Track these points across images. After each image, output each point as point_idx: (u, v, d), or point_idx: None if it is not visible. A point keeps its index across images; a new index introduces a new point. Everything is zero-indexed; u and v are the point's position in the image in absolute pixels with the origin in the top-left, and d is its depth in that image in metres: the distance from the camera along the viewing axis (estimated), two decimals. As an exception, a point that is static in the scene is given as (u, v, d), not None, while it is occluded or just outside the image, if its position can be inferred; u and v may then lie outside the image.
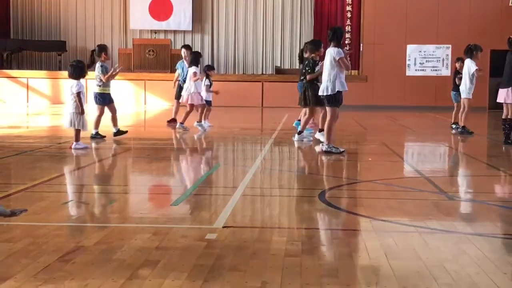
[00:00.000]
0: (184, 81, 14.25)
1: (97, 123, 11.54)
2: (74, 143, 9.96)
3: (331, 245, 4.59)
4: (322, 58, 11.52)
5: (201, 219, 5.43)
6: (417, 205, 6.19)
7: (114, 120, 11.67)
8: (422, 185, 7.44)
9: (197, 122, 13.69)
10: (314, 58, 11.89)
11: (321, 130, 11.54)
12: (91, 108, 10.63)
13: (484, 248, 4.52)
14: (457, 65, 14.67)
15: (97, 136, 11.43)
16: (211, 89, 14.55)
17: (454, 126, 14.56)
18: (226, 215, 5.47)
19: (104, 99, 11.68)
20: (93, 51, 11.81)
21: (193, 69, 13.66)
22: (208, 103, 14.53)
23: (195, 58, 13.96)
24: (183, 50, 15.39)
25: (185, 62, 14.82)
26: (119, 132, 11.59)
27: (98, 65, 11.67)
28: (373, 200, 6.44)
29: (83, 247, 4.38)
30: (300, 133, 11.61)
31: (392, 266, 4.02)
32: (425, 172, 8.41)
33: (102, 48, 11.84)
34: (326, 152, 9.73)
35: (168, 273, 3.81)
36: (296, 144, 11.49)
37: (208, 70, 14.66)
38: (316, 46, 12.09)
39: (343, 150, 9.90)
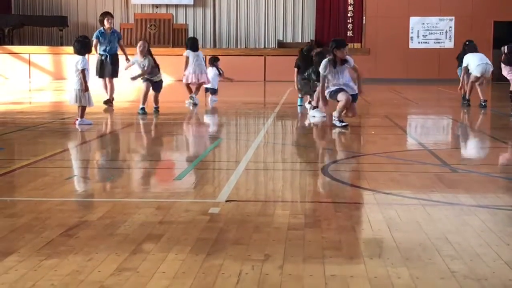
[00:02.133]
0: (108, 55, 13.16)
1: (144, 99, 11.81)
2: (79, 119, 9.93)
3: (334, 218, 4.59)
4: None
5: (204, 193, 5.44)
6: (420, 177, 6.19)
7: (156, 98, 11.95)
8: (425, 157, 7.43)
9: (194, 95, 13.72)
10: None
11: (315, 107, 11.52)
12: (95, 83, 10.62)
13: (487, 220, 4.52)
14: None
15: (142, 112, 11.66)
16: (220, 78, 14.56)
17: (484, 103, 14.14)
18: (229, 189, 5.48)
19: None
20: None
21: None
22: (214, 91, 14.49)
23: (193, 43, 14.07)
24: (107, 18, 13.27)
25: (107, 32, 13.21)
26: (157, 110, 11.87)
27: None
28: (376, 173, 6.44)
29: (86, 221, 4.39)
30: (315, 108, 11.51)
31: (395, 238, 4.03)
32: (428, 145, 8.40)
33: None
34: (333, 125, 9.79)
35: (171, 247, 3.82)
36: (301, 118, 11.48)
37: (214, 62, 14.66)
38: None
39: (346, 124, 9.88)
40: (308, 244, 3.90)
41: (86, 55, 10.01)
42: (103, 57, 13.16)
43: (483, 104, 13.42)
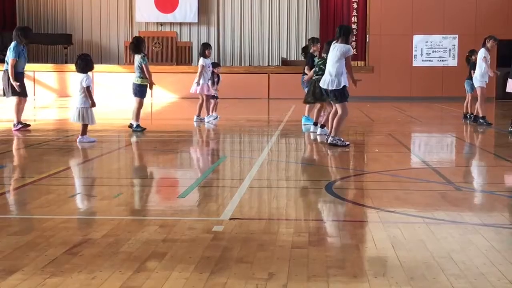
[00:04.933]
0: (24, 73, 12.00)
1: (138, 116, 11.74)
2: (80, 137, 9.96)
3: (338, 237, 4.59)
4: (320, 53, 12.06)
5: (208, 211, 5.44)
6: (424, 195, 6.18)
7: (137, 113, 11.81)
8: (429, 175, 7.42)
9: (206, 116, 13.72)
10: (312, 52, 12.51)
11: (322, 126, 11.46)
12: (98, 101, 10.60)
13: (491, 238, 4.51)
14: (473, 57, 14.60)
15: (138, 129, 11.62)
16: (215, 86, 14.58)
17: (469, 116, 14.51)
18: (233, 207, 5.48)
19: (142, 91, 11.82)
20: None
21: (201, 61, 13.78)
22: (213, 97, 14.57)
23: (202, 50, 14.11)
24: (15, 32, 11.94)
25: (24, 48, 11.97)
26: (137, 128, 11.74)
27: (138, 57, 11.76)
28: (380, 191, 6.44)
29: (90, 239, 4.39)
30: (322, 126, 11.45)
31: (399, 257, 4.02)
32: (432, 163, 8.40)
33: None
34: (331, 145, 9.68)
35: (175, 265, 3.82)
36: (305, 136, 11.49)
37: (213, 67, 14.73)
38: (313, 41, 12.73)
39: (348, 143, 9.84)
40: (312, 263, 3.90)
41: (89, 73, 10.07)
42: (23, 76, 11.97)
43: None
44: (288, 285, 3.49)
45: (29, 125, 12.14)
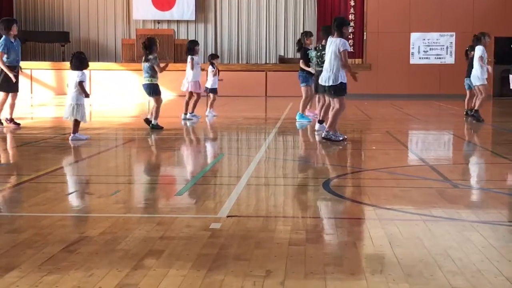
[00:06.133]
0: (18, 67, 12.09)
1: (157, 114, 11.70)
2: (72, 134, 9.95)
3: (335, 234, 4.59)
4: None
5: (205, 209, 5.43)
6: (421, 193, 6.19)
7: (157, 111, 11.77)
8: (426, 173, 7.43)
9: (190, 113, 13.70)
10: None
11: (321, 122, 11.46)
12: (92, 99, 10.63)
13: (488, 235, 4.52)
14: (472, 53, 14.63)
15: (157, 127, 11.58)
16: (216, 76, 14.57)
17: (469, 113, 14.53)
18: (231, 205, 5.48)
19: (156, 89, 11.77)
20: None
21: (189, 58, 13.82)
22: (214, 90, 14.57)
23: (190, 47, 14.11)
24: (15, 24, 12.06)
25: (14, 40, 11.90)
26: (156, 126, 11.69)
27: (151, 56, 11.74)
28: (377, 189, 6.44)
29: (87, 237, 4.38)
30: (321, 122, 11.48)
31: (396, 254, 4.02)
32: (430, 160, 8.40)
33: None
34: (325, 139, 9.73)
35: (172, 263, 3.82)
36: (303, 133, 11.48)
37: (212, 59, 14.78)
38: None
39: (343, 138, 9.83)
40: (310, 260, 3.90)
41: (84, 70, 10.08)
42: (15, 70, 11.88)
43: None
44: (285, 283, 3.49)
45: (19, 124, 12.14)
